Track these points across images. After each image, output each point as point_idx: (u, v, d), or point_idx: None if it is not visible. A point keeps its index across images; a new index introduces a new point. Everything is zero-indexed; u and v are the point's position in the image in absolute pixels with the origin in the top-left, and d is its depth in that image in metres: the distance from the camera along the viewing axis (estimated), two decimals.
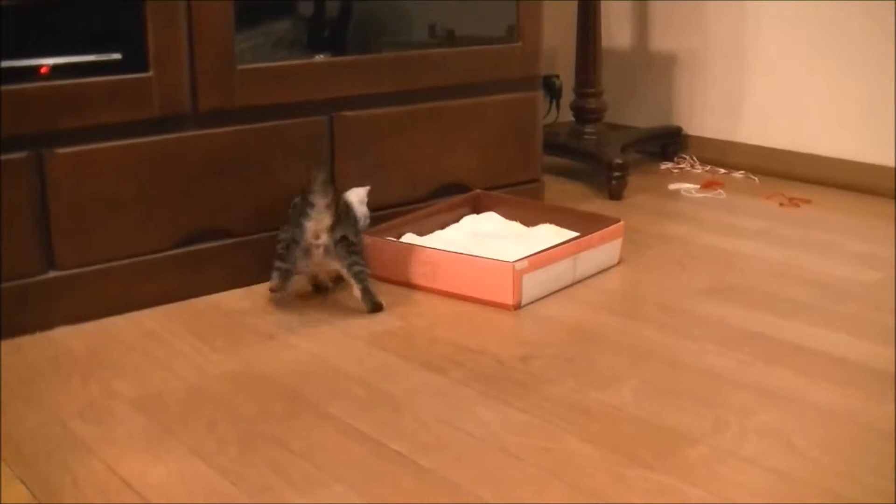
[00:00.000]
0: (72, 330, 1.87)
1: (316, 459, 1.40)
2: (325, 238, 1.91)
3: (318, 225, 1.90)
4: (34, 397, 1.59)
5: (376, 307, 1.96)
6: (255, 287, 2.07)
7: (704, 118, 3.33)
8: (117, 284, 1.94)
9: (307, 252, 1.92)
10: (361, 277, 1.94)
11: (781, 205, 2.80)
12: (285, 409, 1.56)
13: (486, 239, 2.25)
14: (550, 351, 1.78)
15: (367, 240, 2.07)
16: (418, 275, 2.08)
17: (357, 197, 2.12)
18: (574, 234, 2.24)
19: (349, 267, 1.93)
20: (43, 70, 1.83)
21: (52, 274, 1.87)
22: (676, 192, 2.95)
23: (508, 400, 1.59)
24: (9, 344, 1.80)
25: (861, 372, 1.69)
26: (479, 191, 2.48)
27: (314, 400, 1.59)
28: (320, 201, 1.88)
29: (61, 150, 1.84)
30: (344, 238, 1.92)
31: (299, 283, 2.02)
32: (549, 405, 1.57)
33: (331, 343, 1.82)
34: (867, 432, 1.48)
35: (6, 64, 1.78)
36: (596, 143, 3.06)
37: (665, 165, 3.28)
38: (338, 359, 1.75)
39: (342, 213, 1.94)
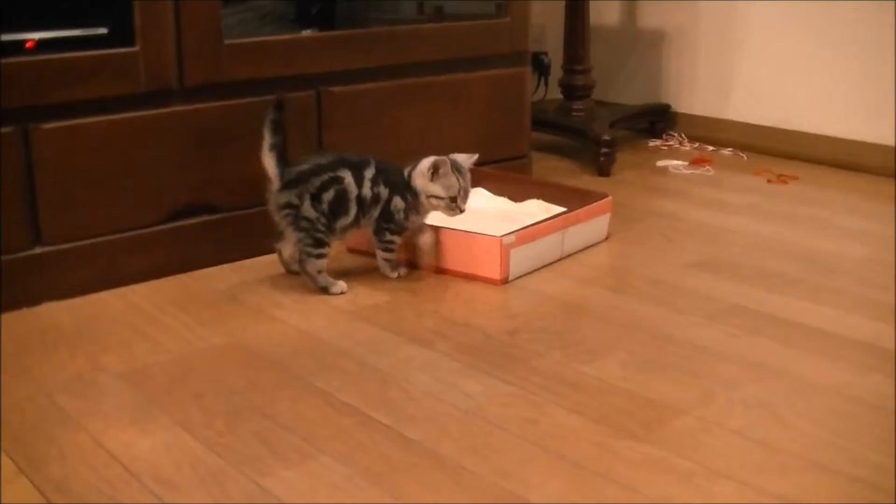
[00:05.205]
0: (59, 305, 1.87)
1: (302, 431, 1.40)
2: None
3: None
4: (21, 371, 1.59)
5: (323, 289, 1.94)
6: (243, 262, 2.07)
7: (693, 95, 3.33)
8: (104, 259, 1.93)
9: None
10: (300, 258, 1.93)
11: (769, 181, 2.80)
12: (272, 382, 1.56)
13: (473, 214, 2.24)
14: (537, 324, 1.79)
15: None
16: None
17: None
18: (562, 209, 2.23)
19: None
20: (28, 44, 1.82)
21: (38, 249, 1.86)
22: (664, 169, 2.95)
23: (495, 372, 1.59)
24: None
25: (847, 345, 1.70)
26: None
27: (301, 373, 1.59)
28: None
29: (47, 125, 1.83)
30: (289, 205, 1.90)
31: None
32: (536, 378, 1.57)
33: (318, 317, 1.82)
34: (853, 404, 1.49)
35: None
36: (584, 119, 3.05)
37: (653, 142, 3.28)
38: (325, 332, 1.75)
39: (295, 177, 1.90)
